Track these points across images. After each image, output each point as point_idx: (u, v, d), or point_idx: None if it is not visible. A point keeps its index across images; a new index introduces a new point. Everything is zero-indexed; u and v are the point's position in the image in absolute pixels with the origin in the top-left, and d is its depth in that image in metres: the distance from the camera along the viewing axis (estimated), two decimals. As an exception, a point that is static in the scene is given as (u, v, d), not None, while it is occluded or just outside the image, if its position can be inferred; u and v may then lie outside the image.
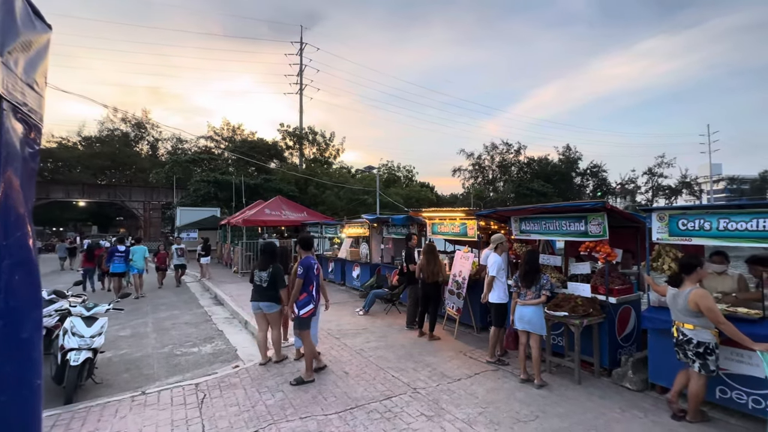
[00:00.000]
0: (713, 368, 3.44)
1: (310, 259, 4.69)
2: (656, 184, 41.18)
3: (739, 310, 3.74)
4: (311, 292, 4.61)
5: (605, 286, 4.82)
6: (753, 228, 3.61)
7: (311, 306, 4.59)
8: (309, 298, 4.59)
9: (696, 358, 3.49)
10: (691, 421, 3.58)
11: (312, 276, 4.62)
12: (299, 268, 4.56)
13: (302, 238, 4.97)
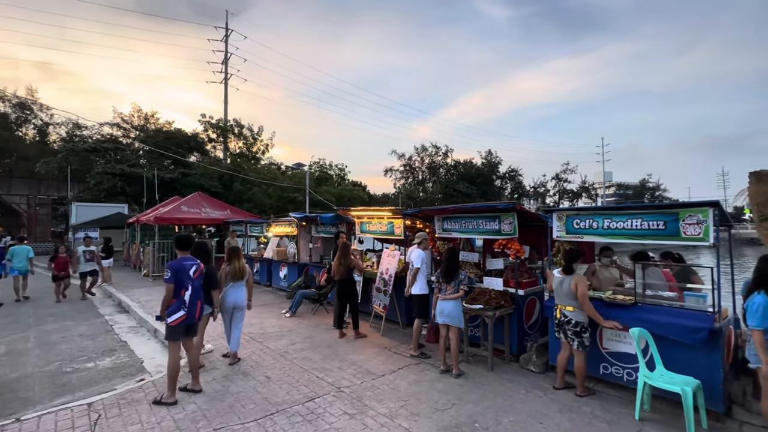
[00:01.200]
0: (587, 344, 4.11)
1: (184, 261, 4.14)
2: (562, 188, 46.35)
3: (618, 297, 4.36)
4: (182, 297, 4.03)
5: (515, 280, 5.28)
6: (629, 227, 4.23)
7: (181, 313, 4.01)
8: (179, 304, 4.02)
9: (575, 337, 4.12)
10: (580, 395, 4.09)
11: (185, 279, 4.05)
12: (166, 271, 4.07)
13: (178, 237, 4.45)
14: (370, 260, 8.07)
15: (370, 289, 7.17)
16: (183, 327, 4.07)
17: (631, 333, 3.80)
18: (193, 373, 4.28)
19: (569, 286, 4.12)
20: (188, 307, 4.06)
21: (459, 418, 3.66)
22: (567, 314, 4.17)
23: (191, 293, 4.10)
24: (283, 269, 10.32)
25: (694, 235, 3.77)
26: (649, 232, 4.08)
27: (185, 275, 4.09)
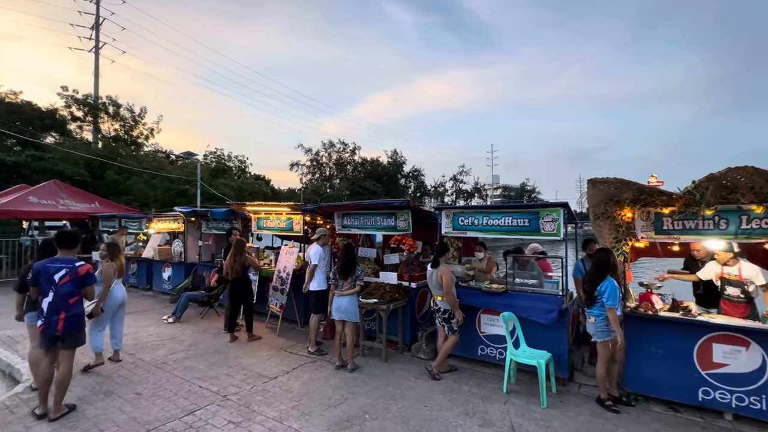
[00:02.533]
0: (456, 328, 4.53)
1: (50, 263, 3.58)
2: (458, 188, 50.71)
3: (493, 286, 4.91)
4: (41, 305, 3.51)
5: (409, 274, 5.57)
6: (503, 224, 4.79)
7: (39, 323, 3.52)
8: (38, 313, 3.56)
9: (444, 323, 4.56)
10: (438, 372, 4.51)
11: (45, 284, 3.50)
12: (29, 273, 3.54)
13: (58, 234, 3.76)
14: (268, 258, 7.69)
15: (267, 288, 6.83)
16: (45, 338, 3.51)
17: (501, 317, 4.32)
18: (57, 396, 3.54)
19: (436, 278, 4.49)
20: (46, 316, 3.45)
21: (350, 412, 3.70)
22: (438, 303, 4.59)
23: (52, 301, 3.47)
24: (167, 270, 9.20)
25: (550, 231, 4.45)
26: (519, 228, 4.68)
27: (46, 279, 3.46)
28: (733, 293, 4.22)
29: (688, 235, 3.80)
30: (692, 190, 3.58)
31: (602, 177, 3.97)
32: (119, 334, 4.99)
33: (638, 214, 3.95)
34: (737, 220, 3.53)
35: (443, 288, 4.42)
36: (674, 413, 3.75)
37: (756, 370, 3.48)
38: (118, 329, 4.97)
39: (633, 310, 4.01)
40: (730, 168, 3.31)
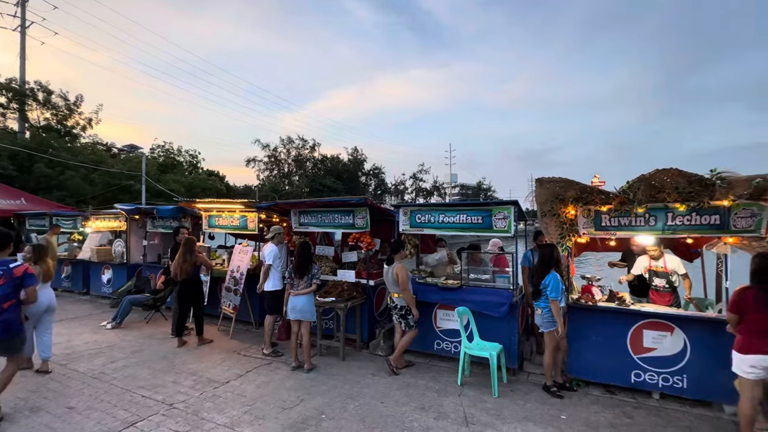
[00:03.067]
0: (413, 324, 4.59)
1: None
2: (418, 186, 51.54)
3: (449, 282, 5.04)
4: None
5: (367, 272, 5.56)
6: (458, 221, 4.91)
7: None
8: None
9: (401, 319, 4.61)
10: (397, 367, 4.55)
11: None
12: None
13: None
14: (220, 257, 7.35)
15: (219, 289, 6.53)
16: None
17: (456, 312, 4.44)
18: None
19: (392, 275, 4.55)
20: None
21: (306, 413, 3.64)
22: (394, 300, 4.64)
23: None
24: (107, 272, 8.51)
25: (502, 228, 4.63)
26: (472, 225, 4.83)
27: None
28: (660, 284, 4.65)
29: (623, 230, 4.11)
30: (626, 190, 3.88)
31: (549, 177, 4.19)
32: (47, 342, 4.52)
33: (580, 212, 4.21)
34: (664, 217, 3.87)
35: (399, 285, 4.46)
36: (610, 395, 4.06)
37: (678, 353, 3.85)
38: (45, 337, 4.49)
39: (575, 302, 4.29)
40: (657, 169, 3.62)
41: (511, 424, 3.48)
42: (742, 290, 3.15)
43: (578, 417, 3.61)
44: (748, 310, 3.07)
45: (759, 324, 3.01)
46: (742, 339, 3.09)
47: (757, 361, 2.99)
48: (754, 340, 3.02)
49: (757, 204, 3.51)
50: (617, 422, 3.53)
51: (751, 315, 3.05)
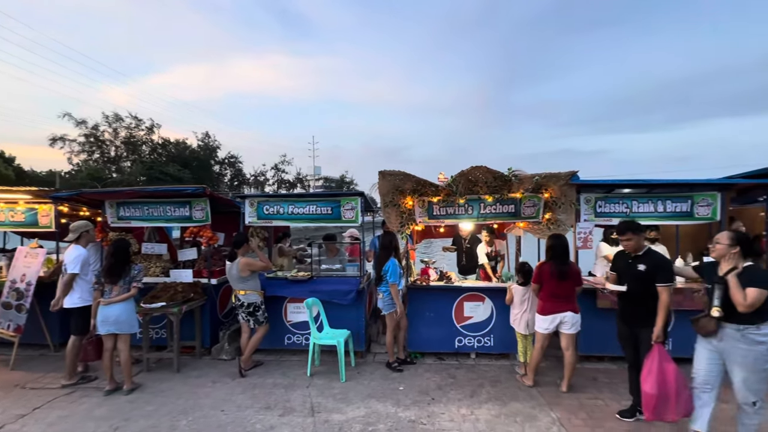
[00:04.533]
0: (262, 320, 4.40)
1: None
2: (280, 178, 49.58)
3: (299, 274, 4.95)
4: None
5: (208, 269, 5.00)
6: (308, 212, 4.85)
7: None
8: None
9: (249, 317, 4.37)
10: (243, 366, 4.31)
11: None
12: None
13: None
14: (-5, 265, 5.52)
15: (-8, 306, 4.89)
16: None
17: (305, 304, 4.39)
18: None
19: (237, 270, 4.26)
20: None
21: (121, 443, 3.04)
22: (240, 298, 4.33)
23: None
24: None
25: (350, 219, 4.78)
26: (322, 216, 4.85)
27: None
28: (486, 262, 5.58)
29: (450, 218, 4.75)
30: (451, 184, 4.49)
31: (390, 170, 4.51)
32: None
33: (416, 203, 4.68)
34: (478, 206, 4.63)
35: (243, 268, 4.20)
36: (440, 362, 4.69)
37: (488, 318, 4.69)
38: None
39: (412, 283, 4.77)
40: (472, 166, 4.30)
41: (356, 404, 3.65)
42: (541, 264, 3.92)
43: (414, 385, 4.04)
44: (545, 280, 3.81)
45: (552, 290, 3.79)
46: (542, 303, 3.86)
47: (552, 319, 3.81)
48: (549, 304, 3.81)
49: (536, 196, 4.53)
50: (443, 383, 4.09)
51: (547, 284, 3.81)
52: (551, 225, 4.58)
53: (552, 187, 4.47)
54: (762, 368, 2.59)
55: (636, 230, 3.21)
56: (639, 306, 3.19)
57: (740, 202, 5.04)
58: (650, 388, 2.82)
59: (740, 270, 2.66)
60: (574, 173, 4.31)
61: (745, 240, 2.75)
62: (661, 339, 3.00)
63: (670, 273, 3.08)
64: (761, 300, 2.52)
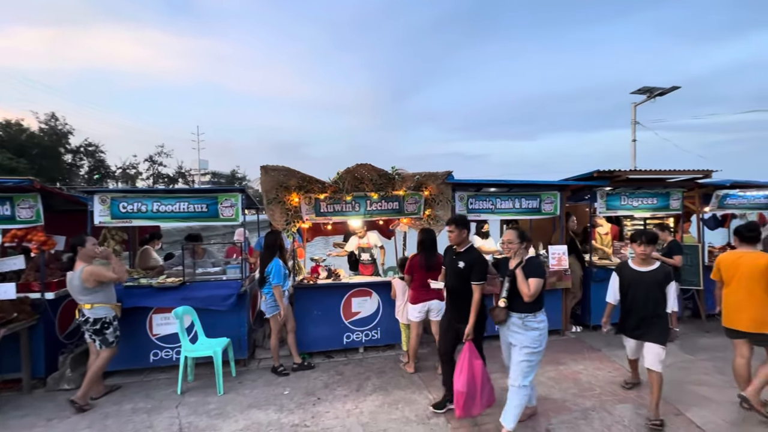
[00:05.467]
0: (112, 339, 3.63)
1: None
2: (157, 171, 43.44)
3: (168, 280, 4.36)
4: None
5: (41, 281, 4.05)
6: (177, 209, 4.30)
7: None
8: None
9: (95, 336, 3.58)
10: (81, 405, 3.46)
11: None
12: None
13: None
14: None
15: None
16: None
17: (173, 314, 3.89)
18: None
19: (80, 280, 3.47)
20: None
21: None
22: (85, 312, 3.57)
23: None
24: None
25: (229, 216, 4.39)
26: (196, 214, 4.35)
27: None
28: (365, 257, 5.71)
29: (338, 215, 4.74)
30: (337, 180, 4.47)
31: (273, 165, 4.28)
32: None
33: (303, 199, 4.54)
34: (365, 203, 4.71)
35: (86, 278, 3.45)
36: (329, 360, 4.65)
37: (375, 312, 4.83)
38: None
39: (299, 283, 4.63)
40: (357, 164, 4.36)
41: (234, 417, 3.37)
42: (413, 256, 4.20)
43: (299, 388, 3.91)
44: (416, 271, 4.08)
45: (422, 280, 4.04)
46: (413, 293, 4.12)
47: (422, 307, 4.08)
48: (418, 293, 4.08)
49: (418, 194, 4.82)
50: (331, 381, 4.07)
51: (418, 274, 4.07)
52: (431, 221, 4.93)
53: (431, 185, 4.80)
54: (532, 351, 2.86)
55: (459, 224, 3.27)
56: (459, 302, 3.24)
57: (574, 200, 6.17)
58: (461, 386, 2.90)
59: (524, 263, 2.95)
60: (449, 173, 4.71)
61: (527, 235, 3.11)
62: (471, 336, 3.07)
63: (483, 272, 3.13)
64: (540, 288, 2.84)
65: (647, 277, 3.15)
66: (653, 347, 3.11)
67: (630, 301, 3.25)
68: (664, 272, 3.14)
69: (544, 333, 2.93)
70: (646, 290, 3.14)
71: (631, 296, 3.24)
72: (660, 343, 3.09)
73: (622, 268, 3.37)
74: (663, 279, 3.11)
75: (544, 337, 2.94)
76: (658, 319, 3.12)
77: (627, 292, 3.28)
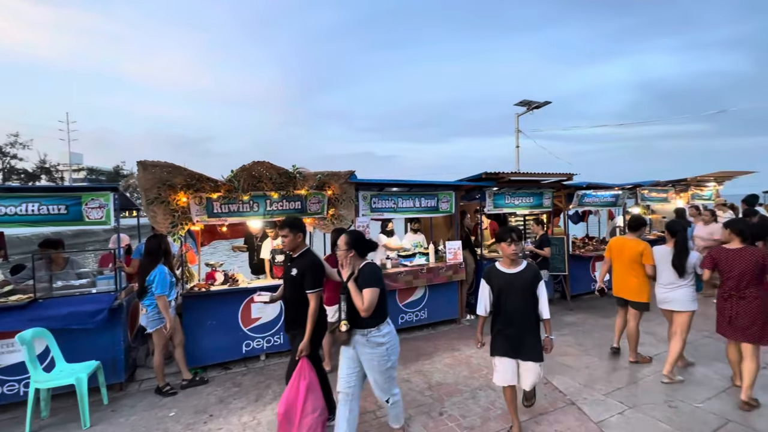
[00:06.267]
0: None
1: None
2: (9, 165, 35.49)
3: (11, 298, 3.58)
4: None
5: None
6: (24, 212, 3.56)
7: None
8: None
9: None
10: None
11: None
12: None
13: None
14: None
15: None
16: None
17: (17, 339, 3.19)
18: None
19: None
20: None
21: None
22: None
23: None
24: None
25: (97, 219, 3.78)
26: (51, 217, 3.66)
27: None
28: (280, 259, 5.44)
29: (234, 216, 4.42)
30: (232, 179, 4.17)
31: (153, 161, 3.81)
32: None
33: (192, 199, 4.13)
34: (264, 203, 4.49)
35: None
36: (226, 372, 4.32)
37: (277, 316, 4.62)
38: None
39: (189, 291, 4.21)
40: (254, 161, 4.12)
41: (102, 452, 2.91)
42: (327, 257, 4.11)
43: (189, 406, 3.55)
44: None
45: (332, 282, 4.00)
46: (328, 294, 3.97)
47: (337, 307, 3.98)
48: (334, 294, 3.96)
49: (321, 193, 4.76)
50: (226, 394, 3.77)
51: None
52: (335, 220, 4.92)
53: (334, 184, 4.78)
54: (385, 368, 2.60)
55: (293, 227, 2.90)
56: (295, 314, 2.90)
57: (468, 199, 6.75)
58: (280, 406, 2.68)
59: (357, 274, 2.60)
60: (352, 172, 4.75)
61: (360, 240, 2.66)
62: (306, 352, 2.77)
63: (318, 278, 2.86)
64: (375, 298, 2.50)
65: (518, 280, 2.75)
66: (533, 367, 2.78)
67: (504, 310, 2.78)
68: (533, 272, 2.77)
69: (392, 346, 2.63)
70: (521, 295, 2.74)
71: (504, 304, 2.78)
72: (540, 360, 2.77)
73: (490, 273, 2.89)
74: (533, 279, 2.75)
75: (394, 350, 2.65)
76: (534, 330, 2.77)
77: (499, 301, 2.80)
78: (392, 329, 2.69)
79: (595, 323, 5.58)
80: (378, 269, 2.67)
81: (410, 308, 5.41)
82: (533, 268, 2.82)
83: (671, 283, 3.72)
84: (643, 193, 7.97)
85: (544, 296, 2.78)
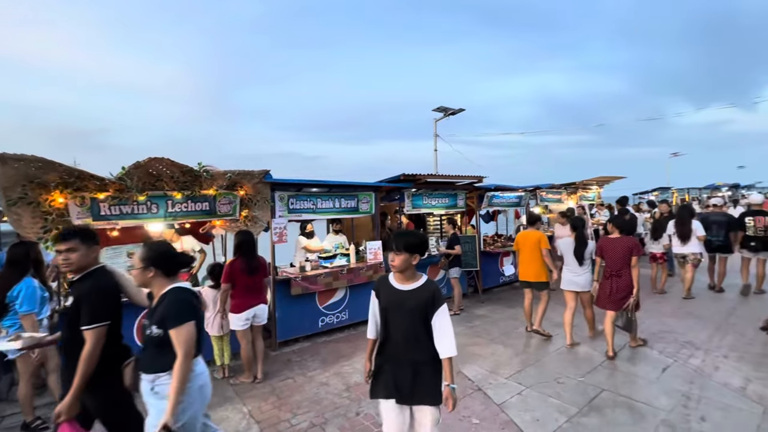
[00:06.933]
0: None
1: None
2: None
3: None
4: None
5: None
6: None
7: None
8: None
9: None
10: None
11: None
12: None
13: None
14: None
15: None
16: None
17: None
18: None
19: None
20: None
21: None
22: None
23: None
24: None
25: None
26: None
27: None
28: None
29: (127, 219, 3.91)
30: (123, 177, 3.69)
31: (17, 154, 3.19)
32: None
33: (71, 200, 3.55)
34: (165, 204, 4.05)
35: None
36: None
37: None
38: None
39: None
40: (151, 158, 3.70)
41: None
42: (231, 262, 3.89)
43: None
44: (238, 277, 3.82)
45: (245, 285, 3.84)
46: (236, 301, 3.84)
47: (247, 314, 3.85)
48: (243, 300, 3.84)
49: (232, 193, 4.45)
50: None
51: (240, 280, 3.83)
52: (249, 222, 4.65)
53: (246, 184, 4.52)
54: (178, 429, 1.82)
55: (86, 238, 2.17)
56: (73, 364, 2.00)
57: (388, 200, 6.91)
58: None
59: (156, 301, 1.96)
60: (267, 172, 4.53)
61: (164, 255, 2.03)
62: (64, 418, 1.96)
63: (101, 309, 2.06)
64: (192, 338, 1.88)
65: (410, 299, 2.04)
66: (429, 412, 2.04)
67: (390, 337, 2.09)
68: (431, 291, 2.06)
69: (190, 401, 1.90)
70: (410, 319, 2.03)
71: (390, 329, 2.09)
72: (437, 403, 2.03)
73: (380, 285, 2.19)
74: (429, 301, 2.03)
75: (194, 403, 1.93)
76: (430, 365, 2.06)
77: (386, 323, 2.11)
78: (204, 370, 2.05)
79: (502, 313, 6.10)
80: (189, 294, 2.02)
81: (331, 310, 5.34)
82: (432, 287, 2.08)
83: (575, 271, 4.60)
84: (541, 194, 8.94)
85: (445, 326, 2.02)
